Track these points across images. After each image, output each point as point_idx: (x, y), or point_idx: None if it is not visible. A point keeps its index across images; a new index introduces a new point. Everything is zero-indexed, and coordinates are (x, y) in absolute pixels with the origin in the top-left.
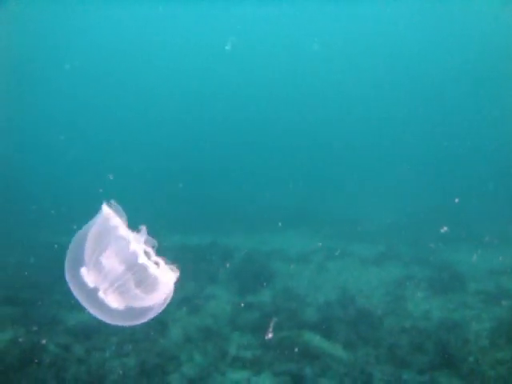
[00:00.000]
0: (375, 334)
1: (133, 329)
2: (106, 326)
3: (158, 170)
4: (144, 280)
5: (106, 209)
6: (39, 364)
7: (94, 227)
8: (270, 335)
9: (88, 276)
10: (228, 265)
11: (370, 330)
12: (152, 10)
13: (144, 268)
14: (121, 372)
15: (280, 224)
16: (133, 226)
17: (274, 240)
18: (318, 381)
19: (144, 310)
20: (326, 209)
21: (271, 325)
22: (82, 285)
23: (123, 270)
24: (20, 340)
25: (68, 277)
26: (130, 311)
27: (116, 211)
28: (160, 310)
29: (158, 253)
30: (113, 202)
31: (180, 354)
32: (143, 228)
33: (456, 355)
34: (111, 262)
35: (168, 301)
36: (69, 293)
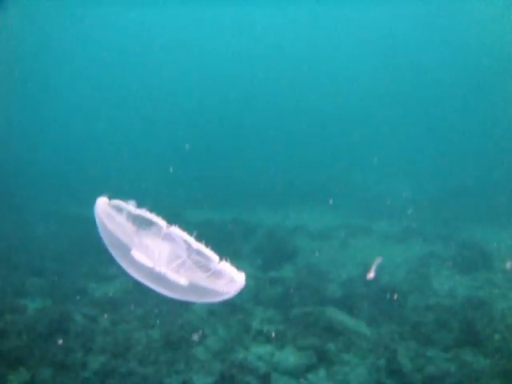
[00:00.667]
0: (399, 311)
1: (158, 302)
2: (132, 298)
3: (182, 149)
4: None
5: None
6: (67, 334)
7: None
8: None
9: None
10: (251, 240)
11: (393, 307)
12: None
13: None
14: (145, 343)
15: (302, 201)
16: (158, 203)
17: (296, 217)
18: (341, 356)
19: (208, 291)
20: (348, 186)
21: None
22: (139, 265)
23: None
24: (48, 310)
25: (119, 259)
26: (195, 289)
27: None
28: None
29: (182, 228)
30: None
31: (204, 327)
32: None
33: (481, 333)
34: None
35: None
36: (95, 265)
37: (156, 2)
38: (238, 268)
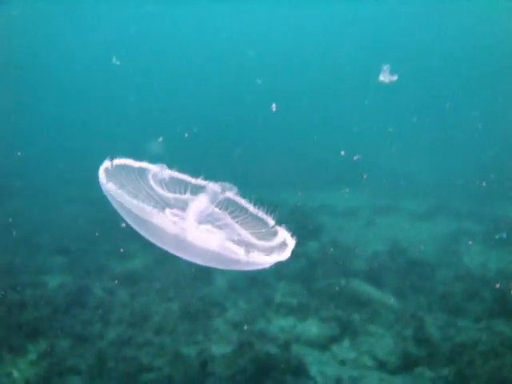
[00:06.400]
0: (427, 283)
1: (177, 277)
2: (151, 274)
3: (208, 128)
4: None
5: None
6: (85, 307)
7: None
8: None
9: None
10: (275, 217)
11: (421, 280)
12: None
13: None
14: (163, 315)
15: (327, 182)
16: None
17: (321, 196)
18: (366, 327)
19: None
20: (374, 165)
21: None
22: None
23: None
24: (68, 285)
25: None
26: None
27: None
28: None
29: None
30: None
31: (224, 300)
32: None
33: None
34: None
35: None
36: (117, 243)
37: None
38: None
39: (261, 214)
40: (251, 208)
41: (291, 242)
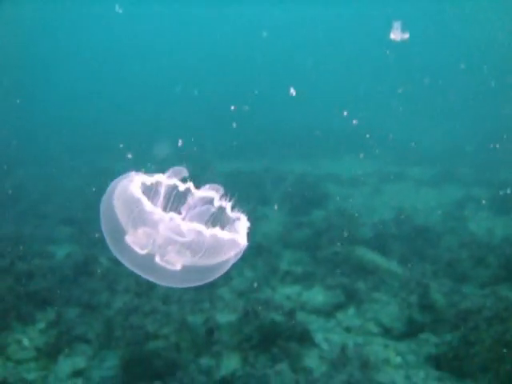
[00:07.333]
0: (433, 250)
1: None
2: None
3: (215, 103)
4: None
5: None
6: (92, 276)
7: (117, 196)
8: None
9: (136, 243)
10: (280, 187)
11: (427, 247)
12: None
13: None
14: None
15: (334, 151)
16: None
17: (327, 165)
18: (371, 294)
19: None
20: (381, 132)
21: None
22: (131, 253)
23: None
24: (75, 254)
25: (111, 246)
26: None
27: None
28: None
29: (212, 178)
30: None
31: (230, 269)
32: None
33: None
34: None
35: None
36: None
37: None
38: (266, 213)
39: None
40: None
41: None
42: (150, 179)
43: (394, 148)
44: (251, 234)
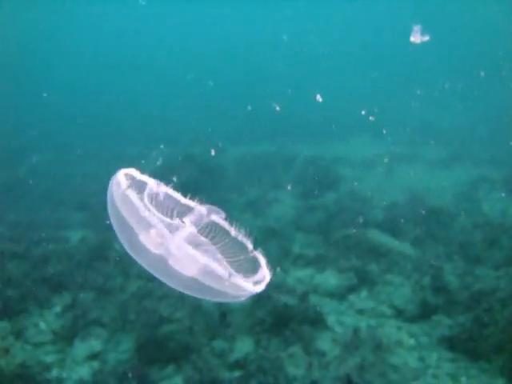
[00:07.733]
0: (446, 231)
1: None
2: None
3: (225, 86)
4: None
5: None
6: (106, 261)
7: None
8: None
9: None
10: (292, 170)
11: (440, 229)
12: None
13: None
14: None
15: (345, 133)
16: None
17: (339, 147)
18: (384, 277)
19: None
20: (393, 112)
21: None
22: (146, 251)
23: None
24: (89, 239)
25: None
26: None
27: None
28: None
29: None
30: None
31: None
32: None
33: None
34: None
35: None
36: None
37: None
38: (278, 197)
39: (240, 237)
40: (233, 232)
41: (267, 276)
42: (155, 187)
43: (406, 128)
44: (264, 217)
